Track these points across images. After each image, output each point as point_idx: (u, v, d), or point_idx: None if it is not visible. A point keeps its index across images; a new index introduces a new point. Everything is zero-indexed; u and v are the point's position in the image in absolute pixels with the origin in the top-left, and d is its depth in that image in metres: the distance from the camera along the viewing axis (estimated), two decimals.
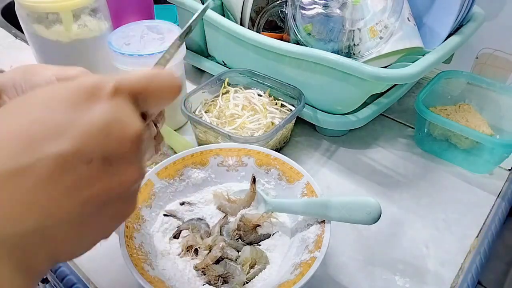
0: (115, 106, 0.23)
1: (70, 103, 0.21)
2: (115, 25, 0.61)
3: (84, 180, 0.21)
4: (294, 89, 0.59)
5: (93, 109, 0.22)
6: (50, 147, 0.20)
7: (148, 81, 0.25)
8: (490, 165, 0.58)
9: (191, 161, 0.49)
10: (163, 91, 0.26)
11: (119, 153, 0.22)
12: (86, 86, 0.22)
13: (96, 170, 0.21)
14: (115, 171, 0.22)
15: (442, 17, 0.59)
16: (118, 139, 0.22)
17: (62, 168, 0.20)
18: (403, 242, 0.49)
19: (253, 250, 0.43)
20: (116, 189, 0.23)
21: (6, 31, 0.93)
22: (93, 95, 0.22)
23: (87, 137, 0.21)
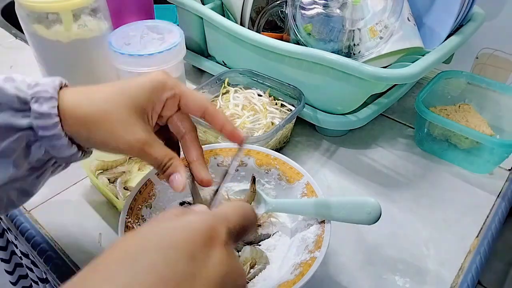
0: (229, 255, 0.23)
1: (189, 254, 0.21)
2: (115, 25, 0.61)
3: None
4: (294, 89, 0.59)
5: (211, 261, 0.22)
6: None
7: (244, 220, 0.26)
8: (490, 165, 0.58)
9: None
10: (252, 227, 0.27)
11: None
12: (203, 232, 0.22)
13: None
14: None
15: (442, 17, 0.59)
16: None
17: None
18: (403, 242, 0.49)
19: (253, 250, 0.43)
20: None
21: (6, 31, 0.93)
22: (209, 242, 0.22)
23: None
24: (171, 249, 0.21)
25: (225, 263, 0.22)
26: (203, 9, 0.66)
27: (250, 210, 0.27)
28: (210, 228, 0.23)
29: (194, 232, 0.22)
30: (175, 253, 0.21)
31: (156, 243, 0.21)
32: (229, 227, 0.24)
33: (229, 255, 0.23)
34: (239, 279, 0.23)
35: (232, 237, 0.24)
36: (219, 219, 0.24)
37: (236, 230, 0.25)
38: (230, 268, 0.22)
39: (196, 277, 0.21)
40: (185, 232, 0.22)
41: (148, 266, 0.20)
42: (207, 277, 0.21)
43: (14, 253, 0.79)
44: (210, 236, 0.22)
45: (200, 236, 0.22)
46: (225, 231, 0.23)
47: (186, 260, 0.21)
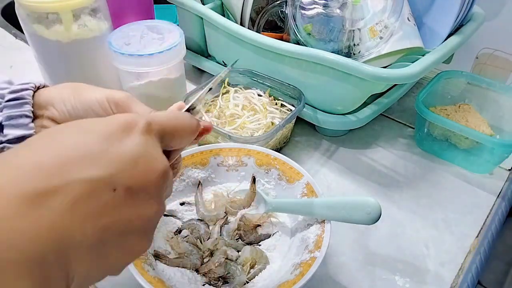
0: (145, 141, 0.24)
1: (105, 134, 0.23)
2: (115, 25, 0.61)
3: (107, 207, 0.22)
4: (294, 89, 0.59)
5: (125, 142, 0.23)
6: (80, 172, 0.21)
7: (176, 121, 0.28)
8: (490, 165, 0.58)
9: (191, 161, 0.49)
10: (186, 131, 0.29)
11: (143, 186, 0.23)
12: (121, 121, 0.24)
13: (119, 199, 0.22)
14: (137, 203, 0.23)
15: (442, 17, 0.59)
16: (145, 172, 0.24)
17: (88, 193, 0.21)
18: (403, 242, 0.49)
19: (253, 250, 0.43)
20: (135, 221, 0.23)
21: (6, 31, 0.93)
22: (127, 129, 0.24)
23: (115, 167, 0.22)
24: (88, 130, 0.23)
25: (139, 146, 0.24)
26: (203, 9, 0.66)
27: (186, 116, 0.29)
28: (129, 118, 0.25)
29: (112, 121, 0.24)
30: (91, 133, 0.23)
31: (77, 126, 0.24)
32: (151, 121, 0.25)
33: (146, 142, 0.24)
34: (155, 163, 0.24)
35: (155, 131, 0.26)
36: (142, 115, 0.26)
37: (162, 127, 0.26)
38: (145, 151, 0.24)
39: (108, 151, 0.22)
40: (105, 121, 0.24)
41: (63, 139, 0.22)
42: (118, 152, 0.23)
43: None
44: (127, 124, 0.24)
45: (117, 123, 0.24)
46: (144, 122, 0.25)
47: (100, 138, 0.23)
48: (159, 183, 0.25)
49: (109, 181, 0.22)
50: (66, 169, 0.21)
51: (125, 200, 0.23)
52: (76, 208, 0.21)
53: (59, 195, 0.20)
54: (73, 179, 0.21)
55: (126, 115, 0.25)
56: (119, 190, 0.22)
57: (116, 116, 0.25)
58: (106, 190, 0.22)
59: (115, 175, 0.22)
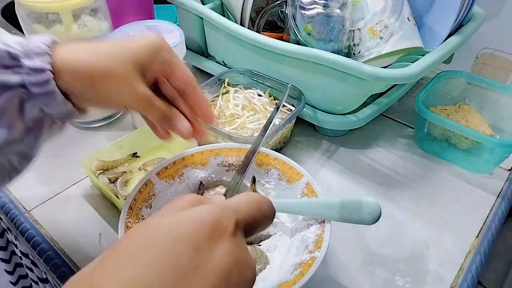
0: (236, 247, 0.23)
1: (193, 246, 0.21)
2: (115, 25, 0.61)
3: None
4: (294, 89, 0.59)
5: (216, 252, 0.21)
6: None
7: (259, 212, 0.26)
8: (490, 165, 0.58)
9: (191, 161, 0.49)
10: (267, 221, 0.27)
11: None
12: (209, 223, 0.22)
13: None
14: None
15: (442, 17, 0.59)
16: (237, 284, 0.22)
17: None
18: (403, 242, 0.49)
19: (253, 250, 0.43)
20: None
21: (6, 31, 0.93)
22: (217, 235, 0.22)
23: (208, 287, 0.21)
24: (175, 242, 0.21)
25: (231, 254, 0.22)
26: (203, 9, 0.66)
27: (266, 202, 0.27)
28: (217, 220, 0.23)
29: (199, 225, 0.22)
30: (179, 246, 0.21)
31: (161, 236, 0.21)
32: (238, 219, 0.24)
33: (237, 246, 0.23)
34: (246, 271, 0.23)
35: (242, 229, 0.24)
36: (227, 210, 0.24)
37: (247, 223, 0.25)
38: (236, 259, 0.22)
39: (200, 269, 0.21)
40: (191, 224, 0.22)
41: (150, 260, 0.20)
42: (211, 268, 0.21)
43: (14, 253, 0.79)
44: (216, 228, 0.22)
45: (205, 229, 0.22)
46: (233, 222, 0.23)
47: (190, 252, 0.21)
48: (250, 287, 0.24)
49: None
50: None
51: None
52: None
53: None
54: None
55: (212, 213, 0.23)
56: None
57: (201, 215, 0.23)
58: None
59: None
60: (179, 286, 0.20)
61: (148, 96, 0.35)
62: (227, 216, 0.23)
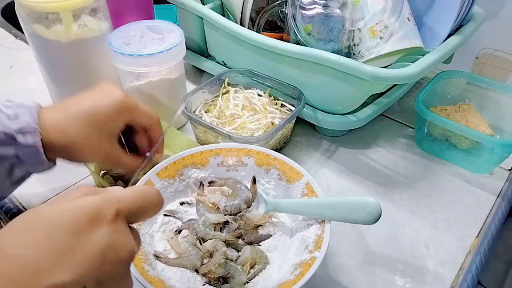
0: (113, 231, 0.26)
1: (73, 230, 0.24)
2: (115, 25, 0.61)
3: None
4: (294, 89, 0.59)
5: (93, 236, 0.25)
6: (52, 278, 0.23)
7: (143, 201, 0.29)
8: (490, 165, 0.58)
9: (191, 161, 0.49)
10: (151, 208, 0.30)
11: (112, 275, 0.26)
12: (90, 213, 0.25)
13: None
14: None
15: (442, 17, 0.59)
16: (111, 263, 0.25)
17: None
18: (403, 242, 0.49)
19: (253, 250, 0.43)
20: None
21: (6, 31, 0.93)
22: (95, 222, 0.25)
23: (84, 266, 0.24)
24: (55, 228, 0.24)
25: (107, 238, 0.25)
26: (203, 9, 0.66)
27: (152, 192, 0.30)
28: (97, 208, 0.26)
29: (79, 213, 0.25)
30: (58, 232, 0.24)
31: (44, 223, 0.25)
32: (120, 208, 0.27)
33: (114, 231, 0.26)
34: (122, 252, 0.26)
35: (123, 216, 0.27)
36: (109, 200, 0.27)
37: (131, 211, 0.28)
38: (112, 242, 0.25)
39: (77, 250, 0.24)
40: (72, 212, 0.25)
41: (31, 242, 0.24)
42: (87, 249, 0.24)
43: None
44: (95, 216, 0.25)
45: (85, 216, 0.25)
46: (113, 211, 0.26)
47: (69, 237, 0.24)
48: (127, 266, 0.27)
49: (79, 281, 0.24)
50: (37, 277, 0.23)
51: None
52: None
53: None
54: (47, 285, 0.23)
55: (93, 203, 0.26)
56: (90, 285, 0.24)
57: (83, 205, 0.26)
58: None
59: (85, 273, 0.24)
60: (56, 265, 0.23)
61: (115, 156, 0.44)
62: (108, 205, 0.26)
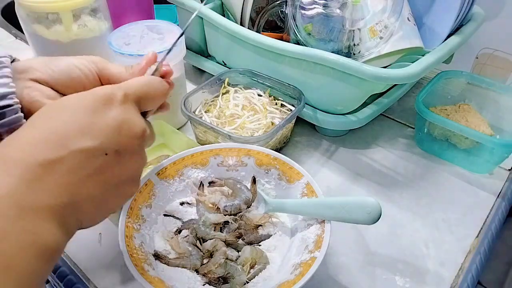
0: (124, 110, 0.31)
1: (91, 109, 0.29)
2: (115, 25, 0.61)
3: (103, 167, 0.29)
4: (294, 89, 0.59)
5: (108, 113, 0.30)
6: (77, 143, 0.27)
7: (148, 87, 0.34)
8: (490, 165, 0.58)
9: (191, 161, 0.49)
10: (158, 95, 0.35)
11: (127, 147, 0.30)
12: (101, 95, 0.30)
13: (111, 160, 0.29)
14: (125, 160, 0.30)
15: (442, 17, 0.59)
16: (127, 136, 0.30)
17: (85, 159, 0.28)
18: (403, 242, 0.49)
19: (253, 250, 0.43)
20: (125, 173, 0.31)
21: (6, 31, 0.93)
22: (108, 102, 0.30)
23: (103, 136, 0.29)
24: (78, 107, 0.29)
25: (121, 114, 0.30)
26: (203, 9, 0.66)
27: (156, 80, 0.35)
28: (109, 93, 0.30)
29: (96, 96, 0.30)
30: (80, 109, 0.29)
31: (68, 104, 0.29)
32: (128, 92, 0.32)
33: (126, 110, 0.31)
34: (134, 127, 0.31)
35: (131, 99, 0.32)
36: (118, 86, 0.32)
37: (137, 95, 0.33)
38: (126, 118, 0.30)
39: (96, 123, 0.29)
40: (89, 96, 0.30)
41: (59, 116, 0.28)
42: (105, 123, 0.29)
43: None
44: (108, 98, 0.30)
45: (100, 98, 0.30)
46: (122, 94, 0.31)
47: (90, 113, 0.29)
48: (140, 141, 0.32)
49: (101, 148, 0.28)
50: (66, 142, 0.27)
51: (115, 160, 0.30)
52: (80, 171, 0.27)
53: (65, 162, 0.27)
54: (74, 149, 0.27)
55: (105, 89, 0.31)
56: (110, 153, 0.29)
57: (97, 91, 0.30)
58: (100, 155, 0.28)
59: (105, 142, 0.29)
60: (80, 134, 0.28)
61: (103, 62, 0.40)
62: (118, 90, 0.31)
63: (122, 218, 0.40)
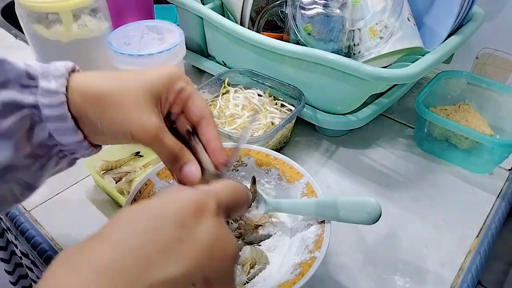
0: (217, 224, 0.25)
1: (178, 221, 0.23)
2: (115, 25, 0.61)
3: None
4: (294, 89, 0.59)
5: (199, 229, 0.24)
6: (160, 272, 0.21)
7: (235, 195, 0.29)
8: (490, 165, 0.58)
9: None
10: (244, 205, 0.30)
11: (219, 273, 0.24)
12: (192, 204, 0.24)
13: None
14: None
15: (442, 17, 0.59)
16: (220, 260, 0.24)
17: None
18: (403, 242, 0.49)
19: (253, 250, 0.43)
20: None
21: (6, 31, 0.93)
22: (199, 213, 0.24)
23: (193, 261, 0.23)
24: (161, 218, 0.23)
25: (213, 231, 0.24)
26: (203, 9, 0.66)
27: (242, 187, 0.30)
28: (200, 200, 0.25)
29: (183, 204, 0.24)
30: (164, 221, 0.23)
31: (149, 212, 0.24)
32: (219, 200, 0.26)
33: (219, 225, 0.25)
34: (228, 247, 0.25)
35: (223, 210, 0.26)
36: (209, 193, 0.26)
37: (227, 205, 0.27)
38: (218, 236, 0.24)
39: (184, 242, 0.23)
40: (176, 203, 0.24)
41: (138, 230, 0.22)
42: (194, 242, 0.23)
43: (14, 253, 0.79)
44: (199, 207, 0.24)
45: (189, 207, 0.24)
46: (215, 203, 0.25)
47: (174, 227, 0.23)
48: (233, 265, 0.25)
49: (188, 276, 0.22)
50: (146, 271, 0.21)
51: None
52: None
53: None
54: (155, 281, 0.21)
55: (197, 196, 0.25)
56: (198, 283, 0.23)
57: (187, 197, 0.25)
58: (186, 287, 0.23)
59: (193, 269, 0.22)
60: (164, 257, 0.22)
61: (157, 128, 0.31)
62: (209, 197, 0.25)
63: None
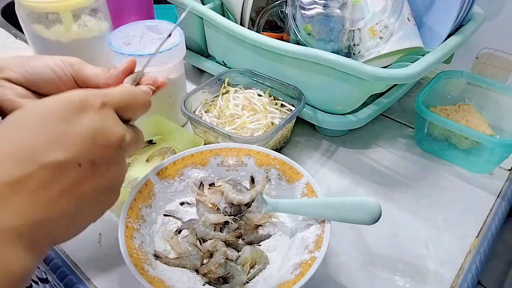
0: (100, 117, 0.28)
1: (62, 116, 0.27)
2: (115, 25, 0.61)
3: (76, 181, 0.26)
4: (294, 89, 0.59)
5: (82, 121, 0.27)
6: (47, 156, 0.25)
7: (129, 97, 0.32)
8: (490, 165, 0.58)
9: (191, 161, 0.49)
10: (139, 106, 0.33)
11: (103, 156, 0.28)
12: (76, 101, 0.28)
13: (85, 172, 0.27)
14: (101, 171, 0.28)
15: (442, 17, 0.59)
16: (102, 146, 0.28)
17: (57, 173, 0.25)
18: (403, 242, 0.49)
19: (253, 250, 0.43)
20: (103, 184, 0.29)
21: (6, 31, 0.93)
22: (82, 108, 0.28)
23: (76, 146, 0.26)
24: (47, 114, 0.26)
25: (96, 123, 0.28)
26: (203, 9, 0.66)
27: (139, 91, 0.33)
28: (83, 98, 0.28)
29: (68, 102, 0.27)
30: (50, 117, 0.26)
31: (36, 111, 0.27)
32: (106, 100, 0.29)
33: (102, 118, 0.28)
34: (111, 135, 0.28)
35: (110, 107, 0.30)
36: (95, 93, 0.29)
37: (117, 103, 0.30)
38: (101, 126, 0.28)
39: (68, 133, 0.26)
40: (61, 102, 0.27)
41: (26, 126, 0.26)
42: (78, 131, 0.27)
43: None
44: (81, 103, 0.28)
45: (72, 104, 0.27)
46: (99, 100, 0.29)
47: (60, 121, 0.26)
48: (118, 150, 0.29)
49: (74, 160, 0.26)
50: (35, 155, 0.25)
51: (91, 171, 0.27)
52: (51, 186, 0.25)
53: (34, 178, 0.24)
54: (43, 163, 0.25)
55: (78, 94, 0.28)
56: (84, 164, 0.27)
57: (69, 96, 0.28)
58: (73, 168, 0.26)
59: (78, 153, 0.26)
60: (50, 145, 0.25)
61: (80, 64, 0.39)
62: (94, 96, 0.29)
63: (122, 218, 0.40)
